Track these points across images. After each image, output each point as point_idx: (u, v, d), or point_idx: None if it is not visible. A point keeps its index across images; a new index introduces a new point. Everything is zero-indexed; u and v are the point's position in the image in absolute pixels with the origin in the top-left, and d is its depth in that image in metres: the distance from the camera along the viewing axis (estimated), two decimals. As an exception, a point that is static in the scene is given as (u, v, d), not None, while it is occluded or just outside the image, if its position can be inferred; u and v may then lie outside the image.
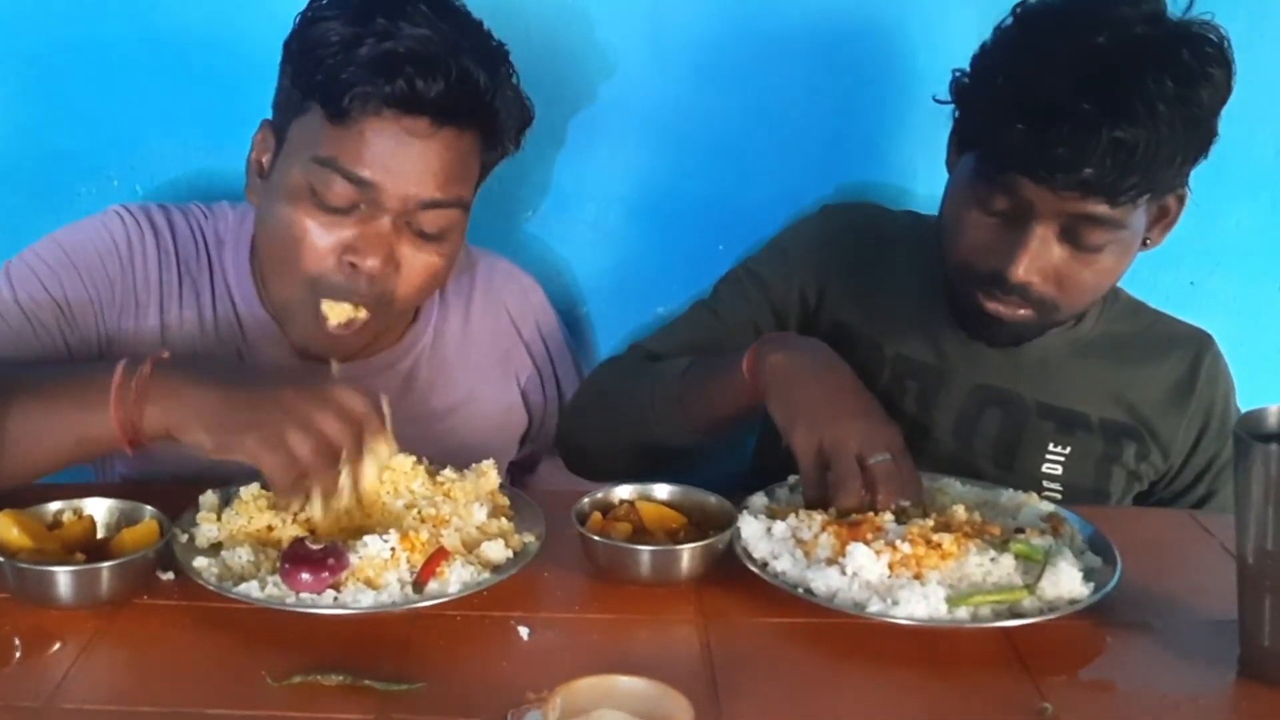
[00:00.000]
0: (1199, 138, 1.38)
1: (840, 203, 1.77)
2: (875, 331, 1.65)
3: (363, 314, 1.46)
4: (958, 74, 1.48)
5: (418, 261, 1.46)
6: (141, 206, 1.56)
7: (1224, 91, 1.38)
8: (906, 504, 1.33)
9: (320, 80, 1.38)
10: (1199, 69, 1.35)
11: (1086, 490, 1.61)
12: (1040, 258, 1.42)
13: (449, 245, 1.49)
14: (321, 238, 1.42)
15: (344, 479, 1.24)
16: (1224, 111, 1.79)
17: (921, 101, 1.55)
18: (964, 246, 1.48)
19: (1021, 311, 1.47)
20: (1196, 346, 1.68)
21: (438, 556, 1.23)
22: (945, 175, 1.55)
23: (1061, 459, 1.62)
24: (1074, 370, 1.62)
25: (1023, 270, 1.42)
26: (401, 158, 1.40)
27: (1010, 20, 1.45)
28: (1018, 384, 1.62)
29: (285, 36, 1.46)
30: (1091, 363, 1.63)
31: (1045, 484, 1.61)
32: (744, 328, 1.66)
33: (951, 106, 1.50)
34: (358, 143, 1.39)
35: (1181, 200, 1.49)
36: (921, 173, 1.80)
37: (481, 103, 1.42)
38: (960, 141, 1.51)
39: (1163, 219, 1.49)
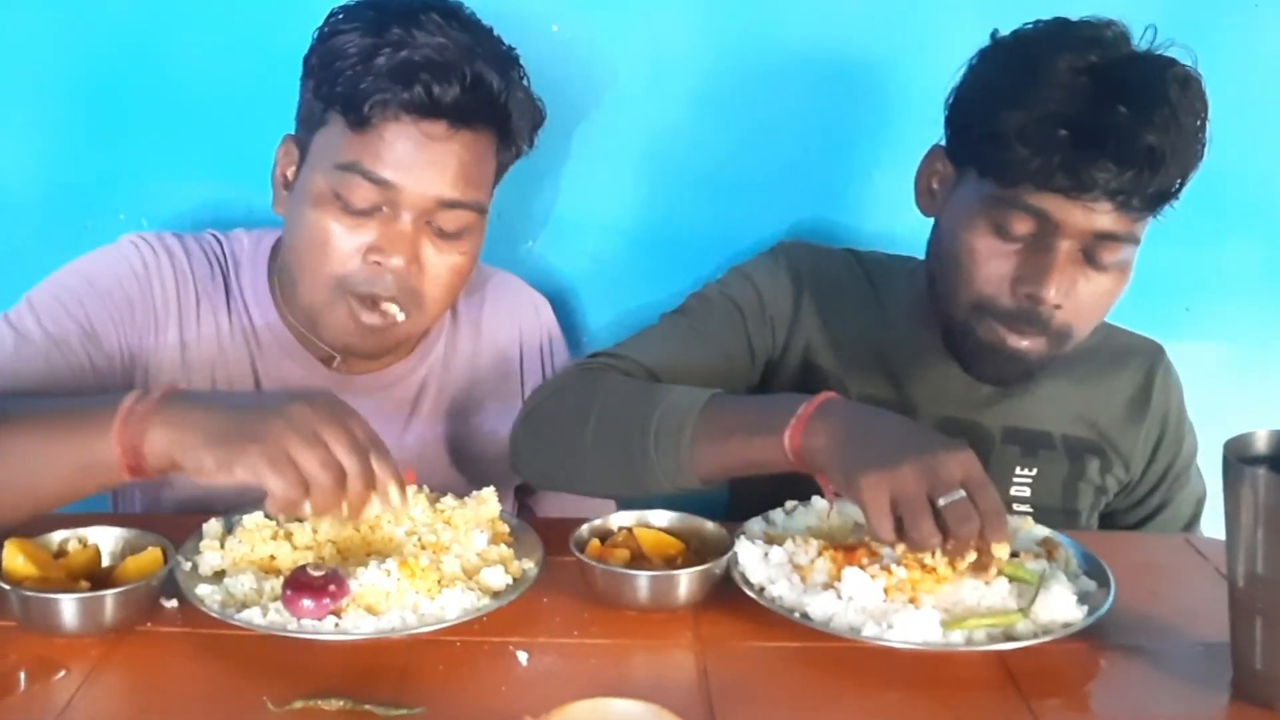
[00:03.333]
0: (1199, 146, 1.41)
1: (793, 240, 1.76)
2: (842, 371, 1.64)
3: (397, 313, 1.49)
4: (953, 108, 1.50)
5: (441, 261, 1.49)
6: (155, 234, 1.59)
7: (1206, 106, 1.42)
8: (999, 550, 1.23)
9: (340, 91, 1.43)
10: (1193, 79, 1.40)
11: (1055, 510, 1.62)
12: (1066, 277, 1.42)
13: (469, 244, 1.52)
14: (346, 239, 1.46)
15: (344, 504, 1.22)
16: (1218, 141, 1.83)
17: (911, 135, 1.56)
18: (983, 279, 1.46)
19: (1033, 341, 1.46)
20: (1150, 359, 1.70)
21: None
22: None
23: (1029, 480, 1.63)
24: (1036, 390, 1.63)
25: (1054, 291, 1.41)
26: (420, 159, 1.44)
27: (993, 52, 1.47)
28: (980, 412, 1.62)
29: (289, 71, 1.49)
30: (1052, 381, 1.63)
31: (1014, 507, 1.61)
32: (724, 351, 1.61)
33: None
34: (378, 146, 1.43)
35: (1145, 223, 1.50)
36: (913, 205, 1.81)
37: (495, 105, 1.47)
38: (978, 169, 1.46)
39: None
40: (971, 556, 1.24)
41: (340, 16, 1.47)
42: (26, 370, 1.45)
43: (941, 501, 1.21)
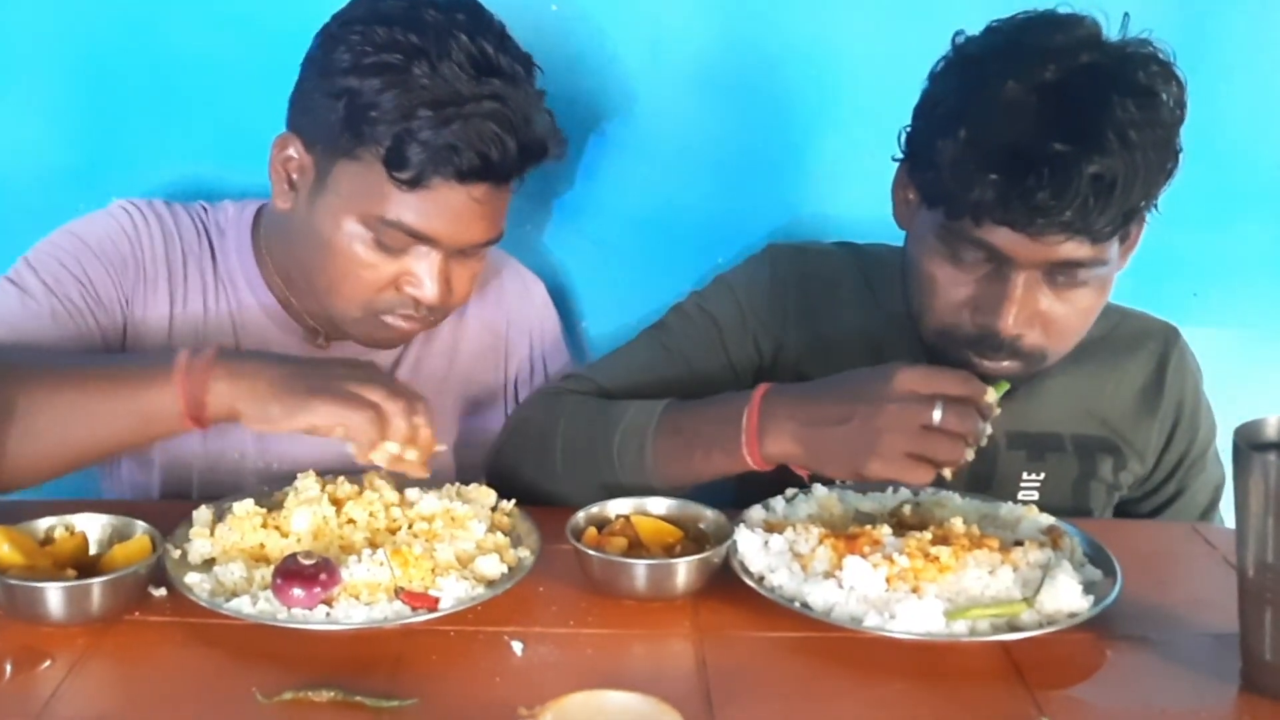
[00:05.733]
0: (1166, 158, 1.34)
1: (785, 243, 1.71)
2: None
3: (429, 321, 1.56)
4: (907, 129, 1.45)
5: (464, 274, 1.53)
6: (145, 200, 1.62)
7: (1182, 107, 1.35)
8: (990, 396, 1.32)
9: (382, 144, 1.40)
10: (1156, 88, 1.32)
11: (1066, 512, 1.53)
12: (1026, 307, 1.37)
13: (484, 257, 1.56)
14: (379, 271, 1.48)
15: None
16: (1228, 124, 1.80)
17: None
18: (943, 309, 1.43)
19: (1008, 364, 1.42)
20: (1162, 344, 1.65)
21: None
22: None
23: (1036, 485, 1.60)
24: (1042, 390, 1.58)
25: (1012, 322, 1.37)
26: (464, 216, 1.45)
27: (948, 65, 1.41)
28: None
29: (283, 53, 1.47)
30: (1060, 378, 1.58)
31: None
32: (697, 369, 1.60)
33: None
34: (425, 207, 1.43)
35: (1142, 224, 1.44)
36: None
37: (543, 156, 1.49)
38: (925, 198, 1.43)
39: (1125, 242, 1.43)
40: (988, 429, 1.31)
41: (355, 37, 1.41)
42: (35, 325, 1.48)
43: (936, 418, 1.26)
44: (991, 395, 1.32)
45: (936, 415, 1.27)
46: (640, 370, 1.60)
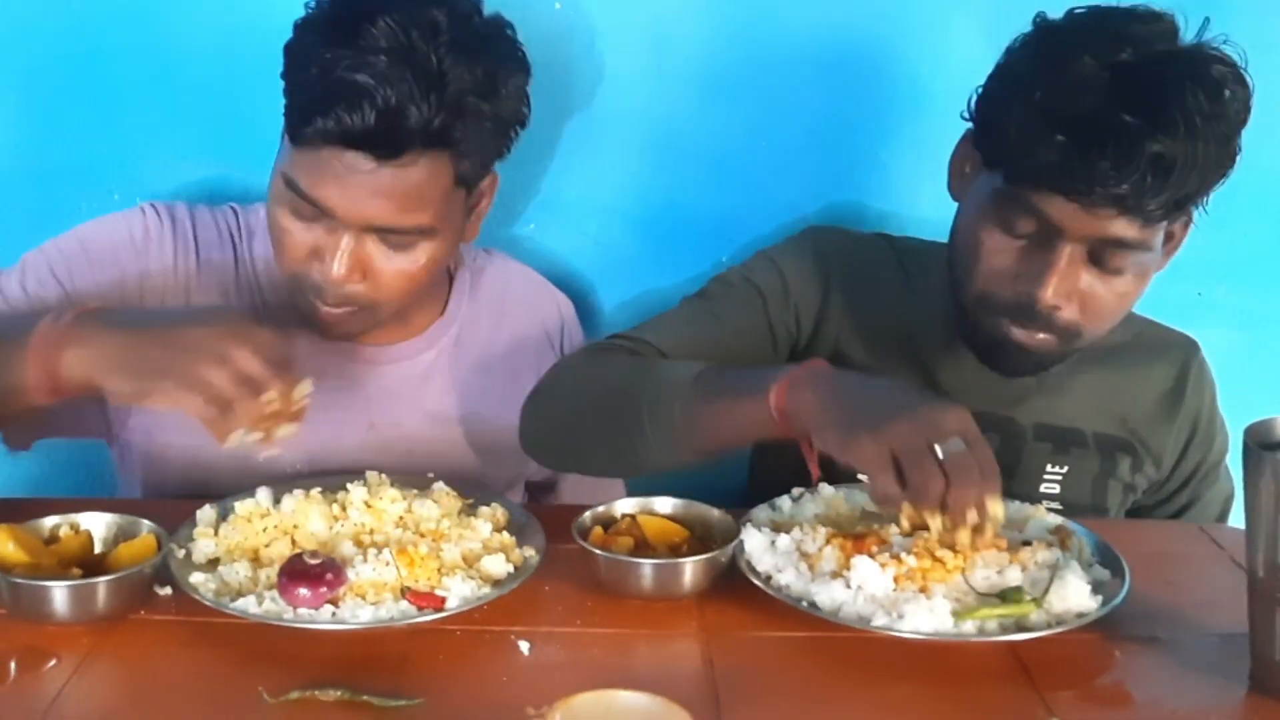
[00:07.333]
0: (1226, 156, 1.36)
1: (822, 225, 1.72)
2: (873, 362, 1.60)
3: (351, 309, 1.48)
4: (979, 91, 1.46)
5: (389, 266, 1.45)
6: (166, 203, 1.60)
7: (1246, 111, 1.37)
8: (994, 508, 1.18)
9: (288, 99, 1.41)
10: (1226, 85, 1.34)
11: (1084, 507, 1.57)
12: (1068, 280, 1.38)
13: (423, 253, 1.47)
14: (297, 239, 1.45)
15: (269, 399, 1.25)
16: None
17: (920, 119, 1.53)
18: (986, 273, 1.44)
19: (1042, 336, 1.43)
20: (1184, 355, 1.67)
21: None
22: (945, 194, 1.54)
23: (1059, 478, 1.61)
24: (1069, 386, 1.60)
25: (1051, 292, 1.38)
26: (349, 187, 1.39)
27: (1028, 38, 1.42)
28: (1014, 408, 1.59)
29: (281, 48, 1.46)
30: (1085, 377, 1.60)
31: (1043, 504, 1.54)
32: (742, 336, 1.58)
33: (956, 132, 1.48)
34: (311, 168, 1.40)
35: (1187, 225, 1.47)
36: (924, 190, 1.78)
37: (427, 134, 1.37)
38: (986, 160, 1.45)
39: (1169, 242, 1.46)
40: (973, 518, 1.18)
41: (315, 7, 1.42)
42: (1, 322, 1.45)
43: (940, 450, 1.18)
44: (999, 508, 1.19)
45: (947, 445, 1.19)
46: (685, 334, 1.57)
